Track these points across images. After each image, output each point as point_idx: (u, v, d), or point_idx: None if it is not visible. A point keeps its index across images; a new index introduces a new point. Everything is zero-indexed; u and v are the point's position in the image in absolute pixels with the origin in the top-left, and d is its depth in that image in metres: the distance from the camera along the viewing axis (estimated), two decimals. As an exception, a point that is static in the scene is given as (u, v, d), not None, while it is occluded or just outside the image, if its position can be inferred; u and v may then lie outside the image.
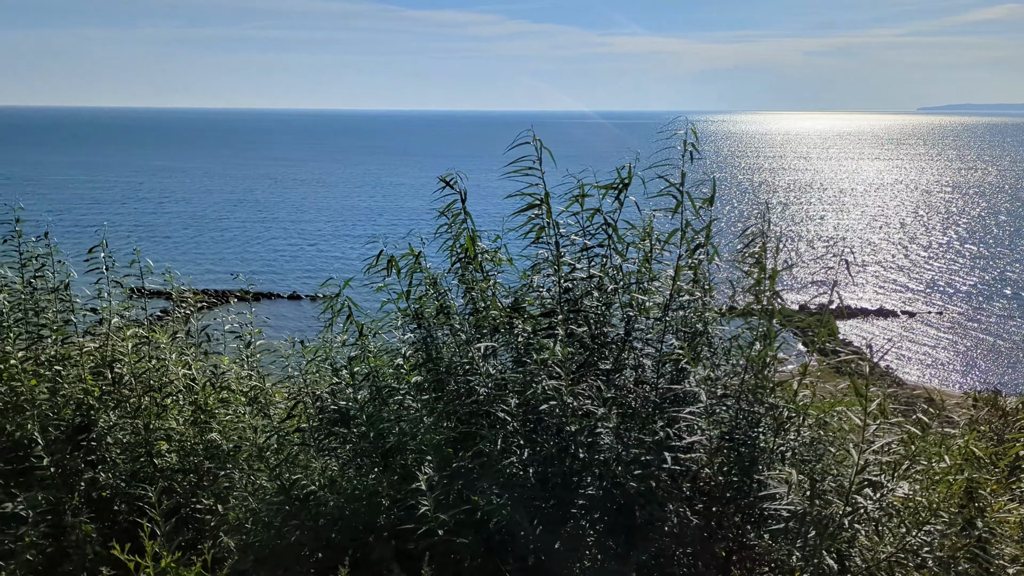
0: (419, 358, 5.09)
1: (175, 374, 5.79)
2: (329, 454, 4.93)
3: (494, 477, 4.27)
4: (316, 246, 54.40)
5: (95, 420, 5.67)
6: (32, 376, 5.60)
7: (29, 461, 5.42)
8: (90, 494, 5.56)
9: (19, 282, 6.14)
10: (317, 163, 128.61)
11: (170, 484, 5.61)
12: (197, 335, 6.24)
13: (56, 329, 6.01)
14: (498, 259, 5.20)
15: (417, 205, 73.06)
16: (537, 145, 4.83)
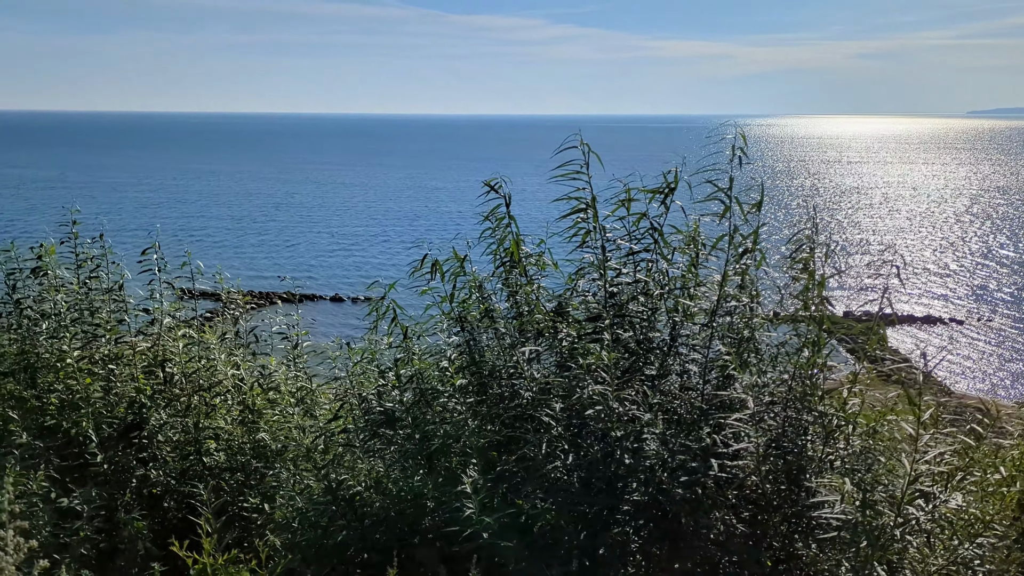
0: (463, 361, 5.11)
1: (224, 374, 5.90)
2: (375, 455, 4.97)
3: (538, 481, 4.27)
4: (357, 249, 54.94)
5: (147, 418, 5.80)
6: (87, 375, 5.75)
7: (84, 458, 5.56)
8: (141, 491, 5.69)
9: (75, 283, 6.31)
10: (358, 167, 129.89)
11: (218, 482, 5.72)
12: (245, 336, 6.34)
13: (110, 329, 6.17)
14: (542, 263, 5.20)
15: (457, 209, 73.40)
16: (584, 149, 4.82)
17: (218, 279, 6.51)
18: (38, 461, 5.42)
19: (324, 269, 48.01)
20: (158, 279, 6.27)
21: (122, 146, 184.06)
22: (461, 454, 4.61)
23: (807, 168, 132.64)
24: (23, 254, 6.28)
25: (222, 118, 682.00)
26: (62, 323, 6.01)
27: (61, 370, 5.73)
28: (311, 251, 54.21)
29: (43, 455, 5.50)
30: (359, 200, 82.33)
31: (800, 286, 4.59)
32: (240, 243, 55.81)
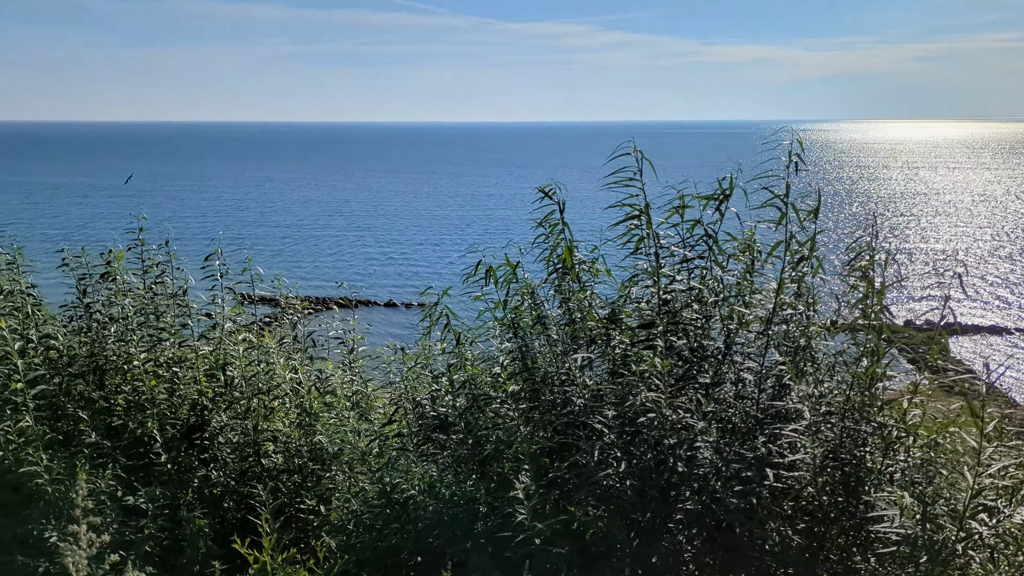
0: (515, 367, 5.14)
1: (282, 378, 6.03)
2: (428, 459, 5.03)
3: (591, 488, 4.27)
4: (409, 255, 55.45)
5: (208, 420, 5.96)
6: (152, 377, 5.94)
7: (149, 457, 5.74)
8: (203, 491, 5.84)
9: (141, 287, 6.52)
10: (412, 175, 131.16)
11: (276, 484, 5.85)
12: (303, 340, 6.48)
13: (174, 333, 6.36)
14: (595, 270, 5.21)
15: (508, 216, 73.55)
16: (638, 156, 4.82)
17: (277, 285, 6.66)
18: (106, 460, 5.61)
19: (377, 275, 48.56)
20: (220, 285, 6.45)
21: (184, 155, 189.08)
22: (513, 460, 4.64)
23: (865, 174, 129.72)
24: (92, 259, 6.52)
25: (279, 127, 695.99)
26: (129, 327, 6.22)
27: (128, 372, 5.93)
28: (364, 258, 54.89)
29: (110, 454, 5.69)
30: (411, 207, 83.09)
31: (859, 294, 4.51)
32: (295, 250, 56.79)
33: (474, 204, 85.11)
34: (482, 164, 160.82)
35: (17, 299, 6.16)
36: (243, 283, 6.63)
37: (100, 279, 6.46)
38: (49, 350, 6.08)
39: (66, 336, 6.23)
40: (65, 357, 6.10)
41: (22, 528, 5.25)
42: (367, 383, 5.92)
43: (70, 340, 6.24)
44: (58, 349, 6.10)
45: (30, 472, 5.20)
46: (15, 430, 5.30)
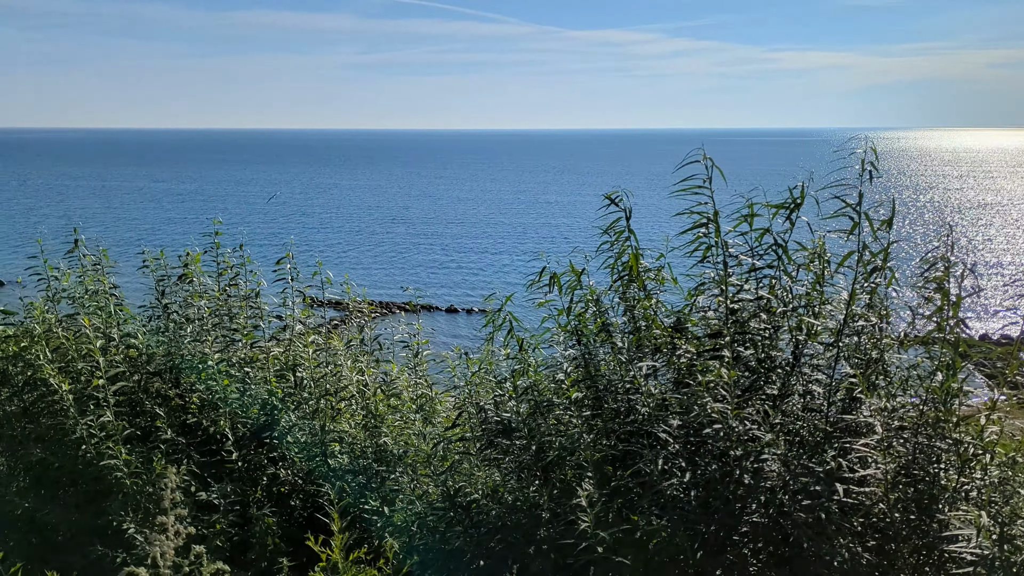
0: (579, 374, 5.14)
1: (349, 379, 6.15)
2: (491, 464, 5.06)
3: (654, 498, 4.24)
4: (470, 262, 55.80)
5: (277, 420, 6.11)
6: (225, 376, 6.13)
7: (220, 455, 5.92)
8: (271, 489, 5.99)
9: (216, 289, 6.74)
10: (475, 181, 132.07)
11: (341, 484, 5.96)
12: (370, 343, 6.60)
13: (246, 334, 6.55)
14: (661, 278, 5.18)
15: (568, 223, 73.43)
16: (707, 164, 4.78)
17: (346, 288, 6.81)
18: (180, 456, 5.81)
19: (438, 281, 48.99)
20: (290, 287, 6.63)
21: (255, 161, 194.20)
22: (576, 467, 4.63)
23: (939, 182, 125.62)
24: (171, 262, 6.78)
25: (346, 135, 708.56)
26: (204, 327, 6.43)
27: (203, 371, 6.13)
28: (425, 264, 55.46)
29: (185, 451, 5.89)
30: (472, 214, 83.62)
31: (933, 306, 4.39)
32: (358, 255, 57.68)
33: (535, 211, 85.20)
34: (545, 171, 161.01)
35: (101, 299, 6.43)
36: (313, 287, 6.80)
37: (178, 281, 6.70)
38: (129, 348, 6.33)
39: (145, 335, 6.48)
40: (144, 355, 6.34)
41: (102, 519, 5.47)
42: (431, 386, 6.00)
43: (149, 339, 6.49)
44: (138, 348, 6.34)
45: (109, 465, 5.41)
46: (96, 424, 5.52)
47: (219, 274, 6.81)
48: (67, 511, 5.70)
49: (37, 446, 5.86)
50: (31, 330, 6.02)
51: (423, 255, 58.60)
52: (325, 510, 5.73)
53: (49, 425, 5.79)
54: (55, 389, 5.53)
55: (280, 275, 6.71)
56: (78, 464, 5.58)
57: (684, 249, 4.98)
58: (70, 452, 5.64)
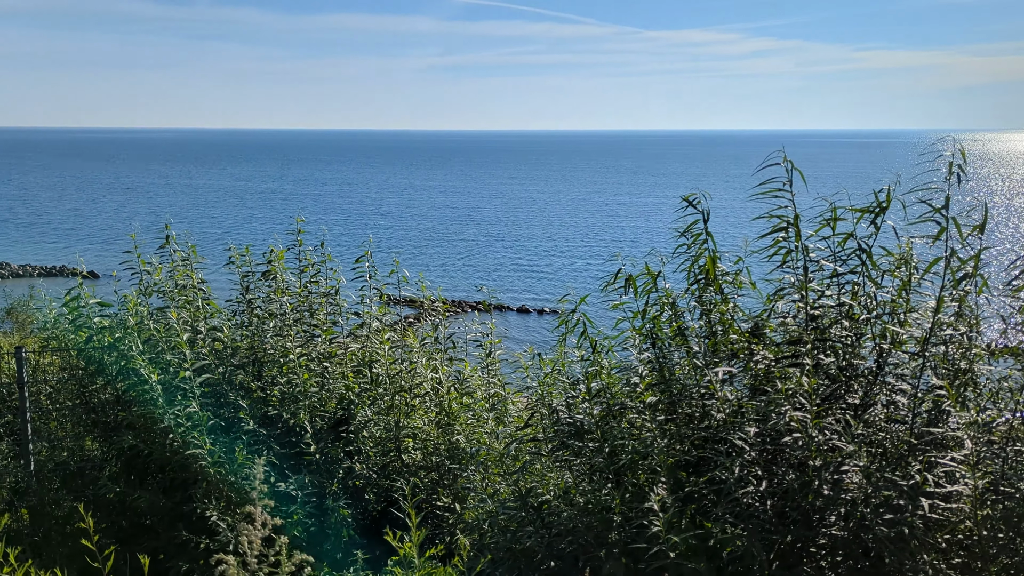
0: (653, 378, 5.09)
1: (423, 376, 6.24)
2: (562, 465, 5.06)
3: (729, 505, 4.17)
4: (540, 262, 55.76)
5: (353, 414, 6.24)
6: (305, 371, 6.29)
7: (299, 447, 6.08)
8: (347, 482, 6.12)
9: (298, 286, 6.94)
10: (547, 182, 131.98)
11: (413, 480, 6.05)
12: (444, 341, 6.68)
13: (326, 330, 6.72)
14: (739, 282, 5.09)
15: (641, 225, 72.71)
16: (787, 166, 4.68)
17: (421, 287, 6.91)
18: (261, 447, 5.99)
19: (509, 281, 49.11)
20: (368, 285, 6.76)
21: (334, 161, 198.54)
22: (649, 471, 4.59)
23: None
24: (255, 258, 7.00)
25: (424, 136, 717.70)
26: (286, 322, 6.62)
27: (284, 365, 6.31)
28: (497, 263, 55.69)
29: (265, 442, 6.06)
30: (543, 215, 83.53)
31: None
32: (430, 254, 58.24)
33: (607, 213, 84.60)
34: (619, 172, 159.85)
35: (190, 293, 6.69)
36: (389, 284, 6.92)
37: (262, 277, 6.92)
38: (215, 342, 6.56)
39: (230, 329, 6.70)
40: (229, 349, 6.56)
41: (187, 506, 5.68)
42: (504, 386, 6.03)
43: (233, 333, 6.71)
44: (223, 341, 6.57)
45: (195, 454, 5.62)
46: (183, 414, 5.74)
47: (300, 271, 7.00)
48: (155, 496, 5.95)
49: (129, 433, 6.13)
50: (125, 322, 6.30)
51: (495, 255, 58.85)
52: (398, 505, 5.83)
53: (140, 414, 6.05)
54: (146, 379, 5.77)
55: (359, 273, 6.86)
56: (166, 452, 5.81)
57: (763, 253, 4.88)
58: (158, 440, 5.88)
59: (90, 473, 6.62)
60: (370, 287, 6.81)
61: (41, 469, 6.76)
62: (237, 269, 6.94)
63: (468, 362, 6.58)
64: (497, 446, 5.43)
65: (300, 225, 7.18)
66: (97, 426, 6.86)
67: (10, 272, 46.13)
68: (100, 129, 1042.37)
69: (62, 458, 6.93)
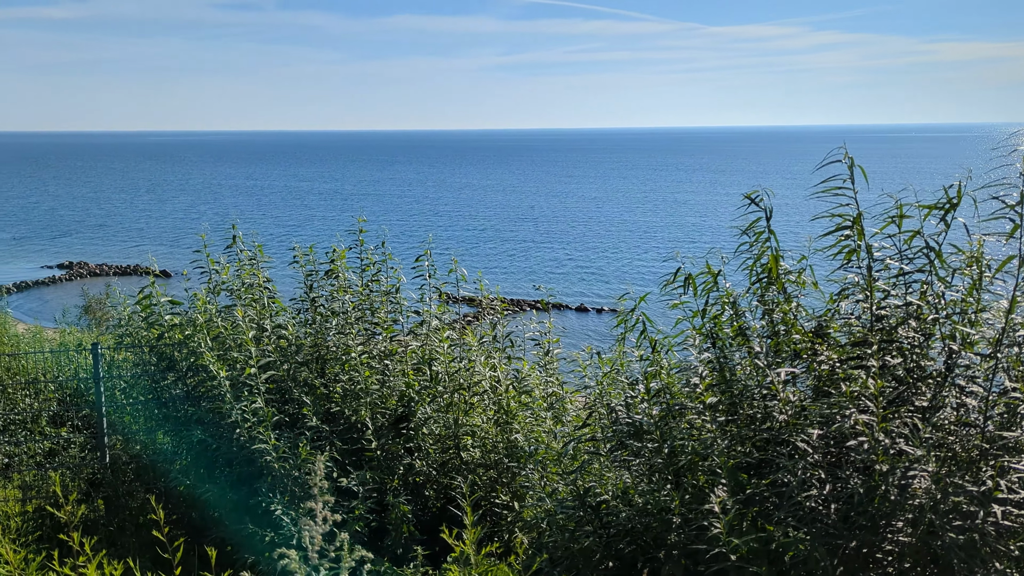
0: (713, 378, 5.03)
1: (482, 375, 6.28)
2: (621, 465, 5.04)
3: (792, 509, 4.11)
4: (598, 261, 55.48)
5: (413, 411, 6.32)
6: (367, 368, 6.40)
7: (360, 443, 6.18)
8: (407, 478, 6.20)
9: (359, 285, 7.06)
10: (605, 180, 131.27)
11: (472, 477, 6.10)
12: (502, 340, 6.72)
13: (387, 327, 6.82)
14: (802, 281, 5.00)
15: (700, 223, 71.79)
16: (848, 163, 4.58)
17: (479, 286, 6.96)
18: (323, 443, 6.11)
19: (567, 280, 48.96)
20: (428, 284, 6.84)
21: (395, 161, 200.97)
22: (709, 473, 4.55)
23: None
24: (317, 257, 7.15)
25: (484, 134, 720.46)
26: (348, 320, 6.75)
27: (346, 363, 6.42)
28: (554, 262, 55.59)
29: (328, 438, 6.19)
30: (601, 212, 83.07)
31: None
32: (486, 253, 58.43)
33: (665, 210, 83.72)
34: (679, 169, 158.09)
35: (256, 292, 6.87)
36: (448, 283, 6.99)
37: (325, 276, 7.07)
38: (280, 339, 6.72)
39: (294, 327, 6.86)
40: (293, 346, 6.71)
41: (253, 499, 5.83)
42: (562, 385, 6.04)
43: (297, 330, 6.86)
44: (287, 338, 6.72)
45: (260, 449, 5.76)
46: (250, 410, 5.89)
47: (362, 270, 7.13)
48: (223, 489, 6.12)
49: (198, 428, 6.32)
50: (194, 319, 6.50)
51: (552, 253, 58.78)
52: (457, 502, 5.89)
53: (208, 408, 6.23)
54: (214, 375, 5.94)
55: (418, 272, 6.94)
56: (233, 446, 5.97)
57: (827, 252, 4.79)
58: (226, 435, 6.05)
59: (162, 466, 6.86)
60: (430, 286, 6.90)
61: (116, 461, 7.02)
62: (301, 268, 7.10)
63: (526, 361, 6.60)
64: (555, 445, 5.43)
65: (361, 225, 7.30)
66: (168, 420, 7.09)
67: (88, 271, 48.04)
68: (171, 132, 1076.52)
69: (135, 451, 7.20)
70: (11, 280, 45.26)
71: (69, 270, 49.00)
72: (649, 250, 57.57)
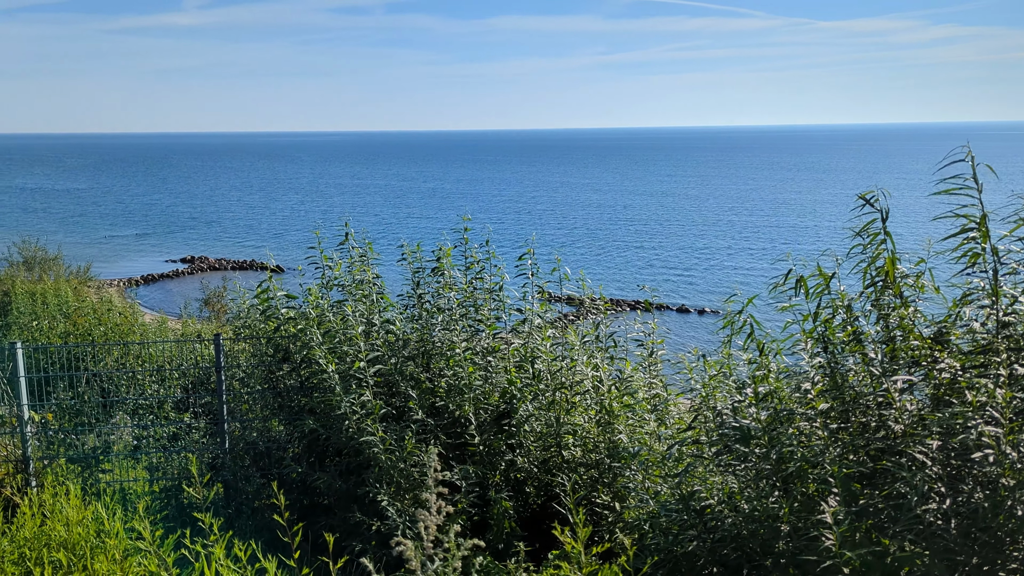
0: (825, 384, 4.89)
1: (584, 374, 6.29)
2: (726, 470, 4.96)
3: (909, 522, 3.95)
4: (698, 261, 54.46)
5: (515, 408, 6.39)
6: (470, 364, 6.51)
7: (464, 438, 6.30)
8: (508, 474, 6.27)
9: (464, 282, 7.20)
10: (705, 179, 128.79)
11: (573, 476, 6.11)
12: (604, 339, 6.71)
13: (490, 324, 6.92)
14: (920, 285, 4.80)
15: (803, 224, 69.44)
16: (971, 160, 4.36)
17: (582, 285, 6.97)
18: (428, 437, 6.26)
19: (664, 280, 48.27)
20: (530, 283, 6.90)
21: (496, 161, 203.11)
22: (820, 481, 4.42)
23: None
24: (423, 255, 7.33)
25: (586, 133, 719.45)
26: (453, 317, 6.89)
27: (451, 358, 6.55)
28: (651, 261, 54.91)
29: (433, 432, 6.33)
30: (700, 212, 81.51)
31: None
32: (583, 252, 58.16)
33: (767, 210, 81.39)
34: (783, 168, 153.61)
35: (366, 287, 7.09)
36: (551, 282, 7.03)
37: (431, 273, 7.24)
38: (388, 334, 6.91)
39: (402, 322, 7.05)
40: (400, 341, 6.90)
41: (360, 489, 6.02)
42: (666, 387, 5.98)
43: (404, 326, 7.05)
44: (395, 333, 6.91)
45: (368, 441, 5.95)
46: (358, 403, 6.09)
47: (466, 268, 7.26)
48: (332, 478, 6.35)
49: (310, 418, 6.58)
50: (307, 314, 6.76)
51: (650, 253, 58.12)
52: (558, 500, 5.92)
53: (320, 400, 6.47)
54: (325, 368, 6.17)
55: (521, 270, 7.01)
56: (342, 437, 6.19)
57: (949, 256, 4.58)
58: (336, 425, 6.27)
59: (276, 453, 7.17)
60: (532, 284, 6.96)
61: (234, 447, 7.38)
62: (408, 265, 7.29)
63: (629, 361, 6.57)
64: (658, 447, 5.38)
65: (465, 223, 7.42)
66: (283, 410, 7.41)
67: (208, 265, 50.76)
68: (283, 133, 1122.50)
69: (252, 438, 7.55)
70: (139, 273, 48.41)
71: (191, 264, 51.87)
72: (749, 250, 56.20)
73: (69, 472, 7.28)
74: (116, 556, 4.10)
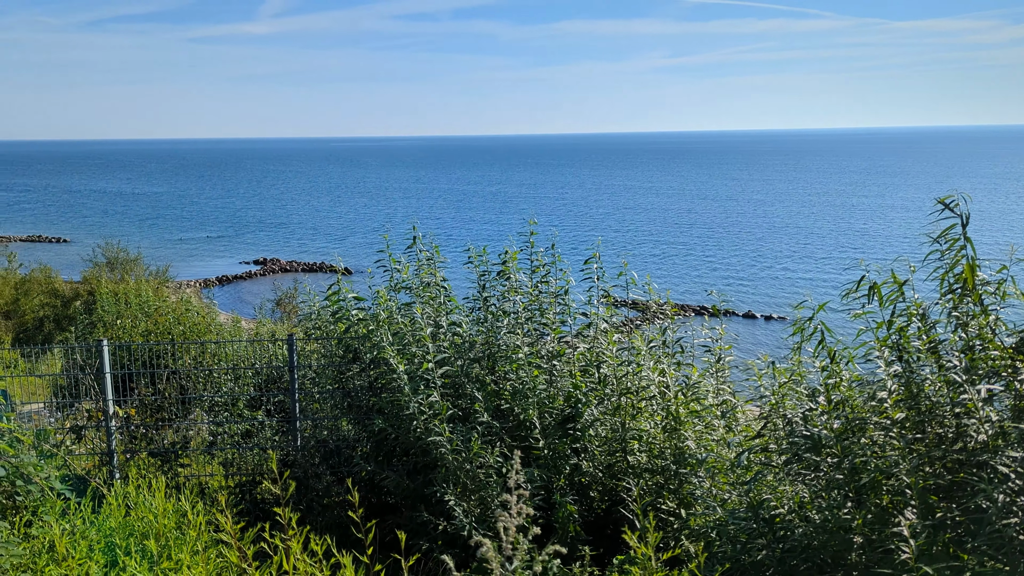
0: (900, 393, 4.77)
1: (650, 380, 6.26)
2: (796, 479, 4.88)
3: (990, 537, 3.83)
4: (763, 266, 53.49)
5: (580, 412, 6.40)
6: (535, 368, 6.54)
7: (528, 440, 6.33)
8: (573, 478, 6.28)
9: (529, 286, 7.24)
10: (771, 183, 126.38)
11: (638, 482, 6.08)
12: (671, 345, 6.66)
13: (555, 328, 6.94)
14: (1002, 292, 4.65)
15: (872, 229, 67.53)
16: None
17: (648, 289, 6.94)
18: (494, 439, 6.31)
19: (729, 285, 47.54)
20: (596, 287, 6.90)
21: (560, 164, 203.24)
22: (895, 493, 4.31)
23: None
24: (489, 259, 7.40)
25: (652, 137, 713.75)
26: (518, 320, 6.93)
27: (515, 362, 6.60)
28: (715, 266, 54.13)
29: (498, 434, 6.38)
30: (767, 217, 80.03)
31: None
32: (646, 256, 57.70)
33: (835, 215, 79.37)
34: (851, 172, 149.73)
35: (433, 290, 7.20)
36: (617, 286, 7.02)
37: (497, 276, 7.30)
38: (455, 336, 7.00)
39: (468, 325, 7.13)
40: (466, 343, 6.98)
41: (427, 489, 6.10)
42: (734, 394, 5.90)
43: (470, 328, 7.13)
44: (461, 335, 7.00)
45: (435, 441, 6.03)
46: (426, 403, 6.18)
47: (532, 271, 7.29)
48: (400, 477, 6.46)
49: (379, 418, 6.70)
50: (376, 315, 6.90)
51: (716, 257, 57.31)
52: (623, 504, 5.91)
53: (388, 400, 6.59)
54: (394, 369, 6.28)
55: (586, 274, 7.02)
56: (410, 437, 6.28)
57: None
58: (404, 426, 6.37)
59: (345, 451, 7.33)
60: (597, 288, 6.95)
61: (305, 445, 7.57)
62: (475, 268, 7.37)
63: (696, 367, 6.51)
64: (725, 454, 5.32)
65: (531, 228, 7.46)
66: (352, 409, 7.57)
67: (279, 267, 52.27)
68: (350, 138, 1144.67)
69: (322, 436, 7.74)
70: (214, 274, 50.15)
71: (263, 266, 53.47)
72: (816, 255, 54.97)
73: (150, 465, 7.57)
74: (199, 547, 4.26)
